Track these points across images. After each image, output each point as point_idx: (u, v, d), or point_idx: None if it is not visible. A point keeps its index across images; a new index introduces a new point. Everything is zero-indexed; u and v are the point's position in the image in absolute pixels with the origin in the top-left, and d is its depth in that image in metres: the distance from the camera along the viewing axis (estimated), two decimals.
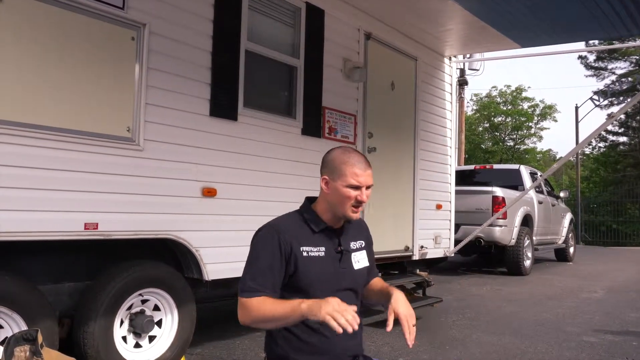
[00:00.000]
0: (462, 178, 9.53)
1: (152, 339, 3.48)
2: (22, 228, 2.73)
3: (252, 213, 3.94)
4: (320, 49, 4.65)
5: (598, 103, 22.42)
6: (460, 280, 8.64)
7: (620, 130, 27.26)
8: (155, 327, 3.47)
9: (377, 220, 5.00)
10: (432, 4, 5.00)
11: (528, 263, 9.39)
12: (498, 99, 30.13)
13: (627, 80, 25.50)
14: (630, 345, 4.58)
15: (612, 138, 27.65)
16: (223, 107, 3.78)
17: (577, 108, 21.92)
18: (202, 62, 3.67)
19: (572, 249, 12.12)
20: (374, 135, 5.26)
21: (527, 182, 9.90)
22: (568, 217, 11.94)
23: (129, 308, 3.36)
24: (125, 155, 3.18)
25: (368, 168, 1.87)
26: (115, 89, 3.16)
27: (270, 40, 4.25)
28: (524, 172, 10.18)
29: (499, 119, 30.43)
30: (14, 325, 2.81)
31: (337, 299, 1.63)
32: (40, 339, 2.43)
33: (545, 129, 33.43)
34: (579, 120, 21.68)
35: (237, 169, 3.87)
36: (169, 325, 3.54)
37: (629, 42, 11.23)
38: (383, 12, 5.21)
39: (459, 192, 7.57)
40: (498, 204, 8.75)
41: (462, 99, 17.18)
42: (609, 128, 26.45)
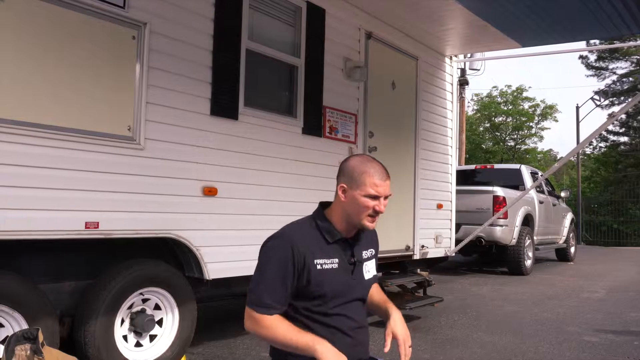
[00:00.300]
0: (463, 178, 9.52)
1: (152, 338, 3.48)
2: (23, 227, 2.73)
3: (252, 212, 3.95)
4: (321, 48, 4.65)
5: (599, 103, 22.40)
6: (461, 280, 8.63)
7: (621, 130, 27.23)
8: (156, 326, 3.47)
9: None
10: (433, 3, 4.99)
11: (529, 263, 9.38)
12: (499, 99, 30.12)
13: (628, 80, 25.47)
14: (632, 345, 4.57)
15: (613, 138, 27.62)
16: (224, 106, 3.78)
17: (577, 108, 21.92)
18: (202, 61, 3.67)
19: (573, 249, 12.12)
20: (375, 135, 5.26)
21: (528, 181, 9.89)
22: (569, 217, 11.93)
23: (130, 307, 3.36)
24: (126, 154, 3.18)
25: (387, 178, 1.86)
26: (116, 88, 3.17)
27: (271, 40, 4.25)
28: (525, 171, 10.17)
29: (500, 119, 30.41)
30: (15, 324, 2.81)
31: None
32: (41, 338, 2.42)
33: (546, 129, 33.56)
34: (580, 120, 21.66)
35: (238, 168, 3.86)
36: (170, 324, 3.54)
37: (630, 41, 11.22)
38: (384, 11, 5.21)
39: (460, 191, 7.58)
40: (499, 204, 8.75)
41: (462, 99, 17.16)
42: (610, 128, 26.44)
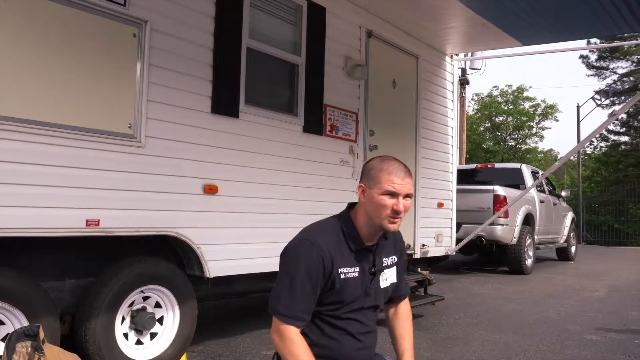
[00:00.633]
0: (463, 177, 9.52)
1: (153, 336, 3.47)
2: (23, 224, 2.73)
3: (253, 210, 3.95)
4: (322, 47, 4.64)
5: (599, 102, 22.38)
6: (462, 279, 8.63)
7: (622, 130, 27.24)
8: (157, 324, 3.47)
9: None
10: (433, 2, 4.99)
11: (529, 262, 9.37)
12: (499, 99, 30.12)
13: (628, 80, 25.47)
14: (632, 343, 4.57)
15: (613, 138, 27.64)
16: (224, 104, 3.78)
17: (578, 107, 21.90)
18: (203, 59, 3.67)
19: (573, 248, 12.10)
20: (375, 133, 5.26)
21: (528, 181, 9.88)
22: (570, 216, 11.92)
23: (131, 305, 3.36)
24: (127, 152, 3.18)
25: (407, 177, 1.78)
26: (117, 86, 3.16)
27: (272, 38, 4.25)
28: (526, 171, 10.17)
29: (500, 119, 30.41)
30: (16, 322, 2.80)
31: None
32: (42, 335, 2.42)
33: (547, 129, 33.49)
34: (581, 120, 21.65)
35: (238, 166, 3.86)
36: (171, 323, 3.54)
37: (631, 40, 11.22)
38: (384, 9, 5.21)
39: (461, 190, 7.57)
40: (499, 203, 8.74)
41: (463, 99, 17.16)
42: (611, 128, 26.45)
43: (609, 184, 25.25)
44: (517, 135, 30.66)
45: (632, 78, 25.29)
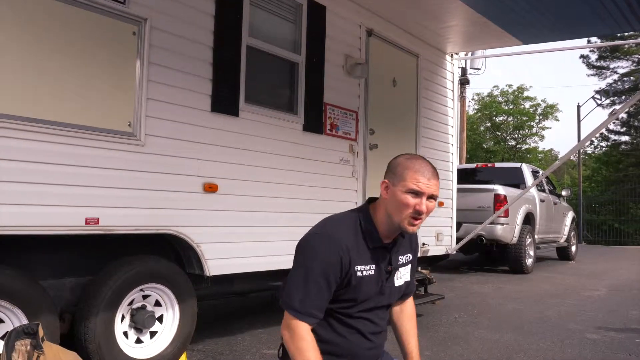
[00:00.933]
0: (464, 176, 9.51)
1: (153, 335, 3.47)
2: (23, 222, 2.72)
3: (253, 209, 3.94)
4: (322, 45, 4.64)
5: (600, 102, 22.38)
6: (462, 278, 8.62)
7: (622, 130, 27.23)
8: (157, 322, 3.46)
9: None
10: (434, 0, 4.98)
11: (530, 261, 9.36)
12: (499, 99, 30.11)
13: (629, 79, 25.46)
14: (633, 342, 4.56)
15: (614, 137, 27.63)
16: (224, 102, 3.78)
17: (579, 107, 21.89)
18: (203, 57, 3.66)
19: (574, 248, 12.09)
20: (376, 132, 5.25)
21: (528, 180, 9.87)
22: (570, 215, 11.91)
23: (130, 303, 3.35)
24: (126, 150, 3.17)
25: (433, 178, 1.72)
26: (117, 84, 3.16)
27: (272, 36, 4.24)
28: (526, 170, 10.16)
29: (501, 119, 30.41)
30: (15, 320, 2.80)
31: None
32: (41, 333, 2.41)
33: (547, 129, 33.47)
34: (581, 120, 21.64)
35: (238, 165, 3.86)
36: (170, 321, 3.53)
37: (631, 39, 11.21)
38: (385, 8, 5.20)
39: (461, 190, 7.56)
40: (500, 202, 8.73)
41: (463, 98, 17.13)
42: (611, 127, 26.44)
43: (610, 184, 25.23)
44: (517, 135, 30.67)
45: (632, 78, 25.28)
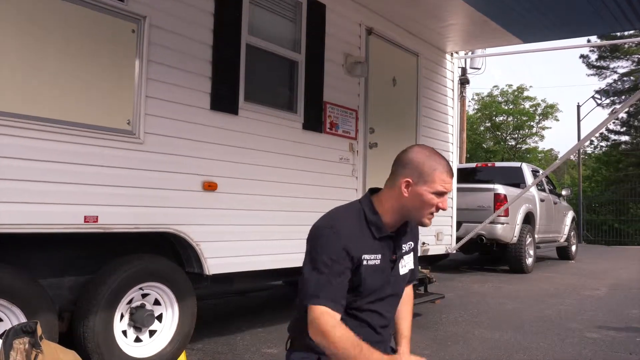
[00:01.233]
0: (464, 176, 9.50)
1: (152, 334, 3.46)
2: (21, 220, 2.71)
3: (253, 207, 3.93)
4: (322, 44, 4.63)
5: (600, 102, 22.37)
6: (462, 278, 8.61)
7: (622, 129, 27.23)
8: (156, 321, 3.45)
9: None
10: None
11: (530, 261, 9.35)
12: (499, 98, 30.10)
13: (629, 79, 25.46)
14: (633, 341, 4.56)
15: (614, 137, 27.62)
16: (224, 100, 3.77)
17: (579, 107, 21.89)
18: (202, 55, 3.65)
19: (574, 247, 12.08)
20: (376, 131, 5.24)
21: (529, 179, 9.86)
22: (570, 215, 11.90)
23: (130, 302, 3.34)
24: (126, 148, 3.16)
25: (452, 175, 1.78)
26: (116, 82, 3.15)
27: (272, 35, 4.24)
28: (526, 169, 10.15)
29: (501, 119, 30.40)
30: (14, 319, 2.79)
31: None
32: (40, 331, 2.41)
33: (547, 129, 33.48)
34: (581, 119, 21.64)
35: (238, 163, 3.85)
36: (170, 320, 3.52)
37: (632, 38, 11.20)
38: (384, 7, 5.19)
39: (461, 189, 7.55)
40: (500, 202, 8.71)
41: (463, 98, 17.12)
42: (611, 127, 26.44)
43: (609, 184, 25.23)
44: (517, 135, 30.66)
45: (632, 77, 25.28)
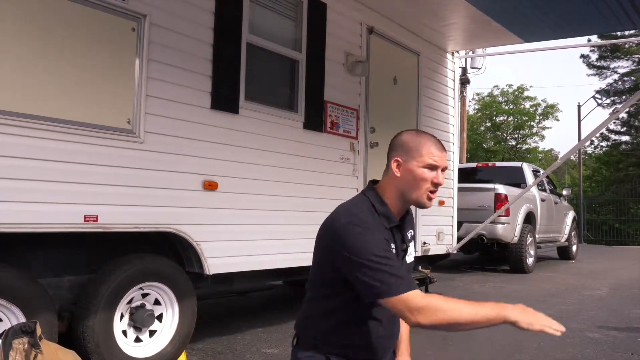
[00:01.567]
0: (464, 175, 9.48)
1: (152, 333, 3.45)
2: (21, 220, 2.70)
3: (253, 207, 3.92)
4: (323, 43, 4.62)
5: (600, 102, 22.35)
6: (463, 278, 8.59)
7: (623, 129, 27.22)
8: (156, 321, 3.44)
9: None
10: None
11: (531, 261, 9.33)
12: (500, 98, 30.09)
13: (629, 79, 25.44)
14: (635, 341, 4.54)
15: (614, 137, 27.61)
16: (224, 100, 3.76)
17: (579, 107, 21.87)
18: (203, 54, 3.64)
19: (575, 247, 12.06)
20: (376, 130, 5.23)
21: (529, 179, 9.85)
22: (571, 215, 11.88)
23: (130, 302, 3.33)
24: (126, 147, 3.15)
25: (443, 150, 1.74)
26: (116, 81, 3.14)
27: (272, 34, 4.22)
28: (527, 169, 10.13)
29: (501, 118, 30.38)
30: (13, 319, 2.78)
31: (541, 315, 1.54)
32: (39, 331, 2.40)
33: (547, 128, 33.46)
34: (582, 119, 21.62)
35: (238, 163, 3.84)
36: (170, 320, 3.51)
37: (633, 38, 11.18)
38: (385, 6, 5.18)
39: (462, 189, 7.53)
40: (500, 201, 8.70)
41: (464, 98, 17.11)
42: (611, 127, 26.43)
43: (610, 184, 25.21)
44: (517, 135, 30.64)
45: (632, 77, 25.27)
